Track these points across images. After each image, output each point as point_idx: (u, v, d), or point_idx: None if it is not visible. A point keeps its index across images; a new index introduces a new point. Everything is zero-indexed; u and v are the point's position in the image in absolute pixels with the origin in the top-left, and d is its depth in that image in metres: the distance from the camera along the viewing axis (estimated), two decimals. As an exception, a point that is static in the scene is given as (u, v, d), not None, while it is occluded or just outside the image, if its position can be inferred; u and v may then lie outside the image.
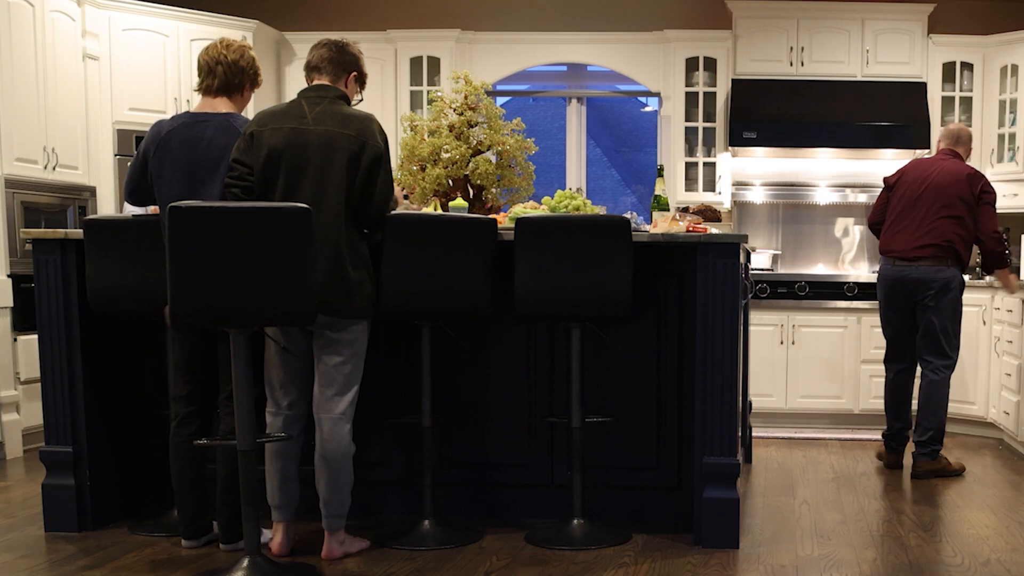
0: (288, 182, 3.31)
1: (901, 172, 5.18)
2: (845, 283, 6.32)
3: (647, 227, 3.94)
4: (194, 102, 5.75)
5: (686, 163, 6.81)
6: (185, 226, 3.00)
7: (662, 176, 4.23)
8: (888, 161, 6.79)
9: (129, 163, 6.05)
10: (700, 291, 3.61)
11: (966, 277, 6.51)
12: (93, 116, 5.99)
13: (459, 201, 4.07)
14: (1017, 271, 6.53)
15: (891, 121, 6.46)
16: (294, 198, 3.29)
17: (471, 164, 4.30)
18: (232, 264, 3.01)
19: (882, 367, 5.86)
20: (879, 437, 5.82)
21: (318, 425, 3.44)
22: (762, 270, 6.62)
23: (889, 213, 5.14)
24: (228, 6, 6.87)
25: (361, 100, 3.61)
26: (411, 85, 6.87)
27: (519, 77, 7.09)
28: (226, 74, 3.53)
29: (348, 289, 3.34)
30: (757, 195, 6.93)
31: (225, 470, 3.45)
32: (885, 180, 5.23)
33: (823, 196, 6.88)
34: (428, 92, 6.66)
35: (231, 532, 3.51)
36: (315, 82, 3.48)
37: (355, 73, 3.53)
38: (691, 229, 3.81)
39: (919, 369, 5.11)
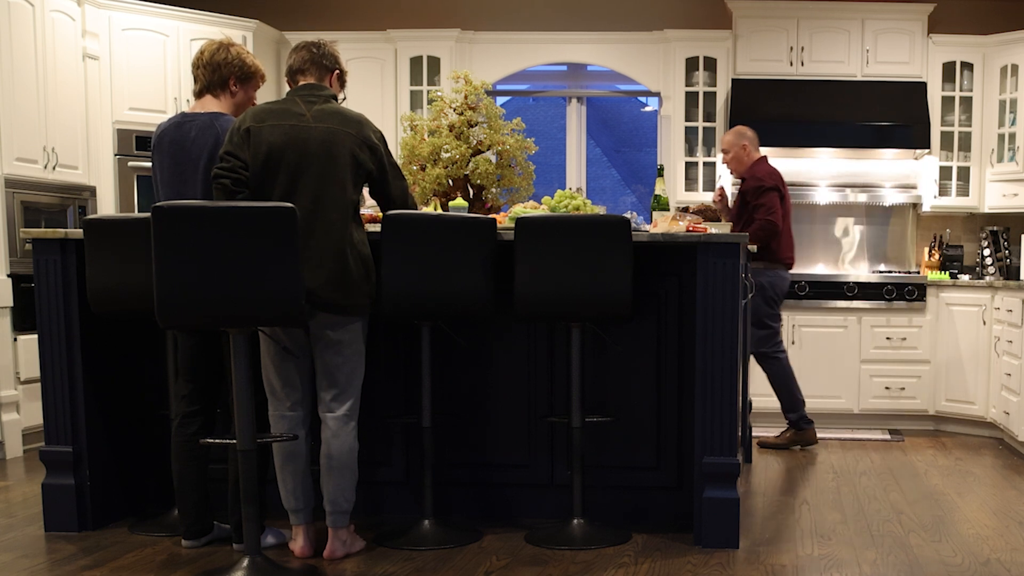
0: (290, 179, 3.30)
1: (780, 178, 5.45)
2: (845, 283, 6.32)
3: (647, 227, 3.94)
4: (193, 102, 5.75)
5: (686, 163, 6.81)
6: (169, 226, 3.02)
7: (662, 176, 4.23)
8: (888, 161, 6.80)
9: (131, 163, 6.11)
10: (700, 291, 3.61)
11: (966, 277, 6.53)
12: (93, 116, 5.98)
13: (459, 201, 4.07)
14: (1017, 271, 6.53)
15: (891, 121, 6.46)
16: (296, 195, 3.29)
17: (471, 164, 4.30)
18: (216, 264, 3.02)
19: (882, 367, 5.90)
20: (881, 438, 5.83)
21: (324, 425, 3.44)
22: (762, 270, 6.62)
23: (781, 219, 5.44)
24: (228, 6, 6.87)
25: (344, 99, 3.61)
26: (411, 85, 6.88)
27: (519, 77, 7.09)
28: (204, 74, 3.58)
29: (350, 287, 3.35)
30: (757, 195, 6.92)
31: (236, 471, 3.44)
32: (777, 183, 5.40)
33: (823, 196, 6.87)
34: (428, 92, 6.66)
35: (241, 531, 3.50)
36: (301, 82, 3.48)
37: (337, 72, 3.55)
38: (691, 229, 3.81)
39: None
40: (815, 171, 6.91)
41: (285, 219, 3.06)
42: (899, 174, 6.84)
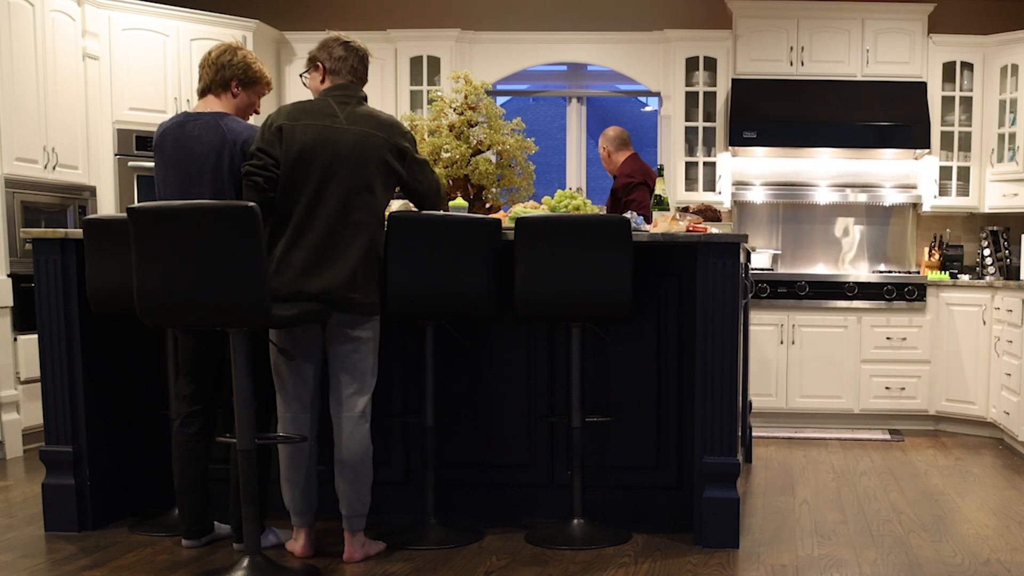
0: (320, 180, 3.30)
1: (649, 173, 5.43)
2: (845, 283, 6.32)
3: (647, 227, 3.94)
4: (194, 101, 5.76)
5: (686, 163, 6.81)
6: (142, 226, 3.04)
7: (662, 176, 4.23)
8: (888, 161, 6.80)
9: (131, 163, 6.11)
10: (700, 291, 3.61)
11: (966, 277, 6.53)
12: (93, 116, 5.99)
13: (459, 201, 4.07)
14: (1017, 271, 6.53)
15: (891, 121, 6.46)
16: (325, 196, 3.30)
17: (471, 164, 4.30)
18: (183, 263, 3.03)
19: (882, 367, 5.88)
20: (881, 438, 5.83)
21: (337, 426, 3.42)
22: (762, 270, 6.62)
23: None
24: (228, 6, 6.87)
25: None
26: (411, 85, 6.87)
27: (519, 77, 7.09)
28: (208, 73, 3.59)
29: (370, 286, 3.37)
30: (757, 195, 6.93)
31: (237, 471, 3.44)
32: (646, 179, 5.37)
33: (823, 196, 6.87)
34: (428, 92, 6.66)
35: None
36: (336, 81, 3.48)
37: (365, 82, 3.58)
38: (691, 229, 3.81)
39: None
40: (815, 171, 6.91)
41: (246, 218, 3.03)
42: (899, 174, 6.84)
